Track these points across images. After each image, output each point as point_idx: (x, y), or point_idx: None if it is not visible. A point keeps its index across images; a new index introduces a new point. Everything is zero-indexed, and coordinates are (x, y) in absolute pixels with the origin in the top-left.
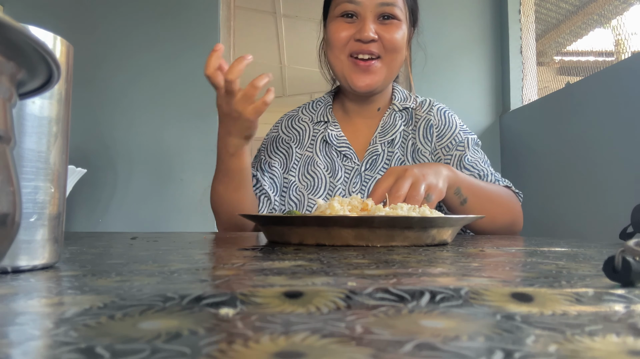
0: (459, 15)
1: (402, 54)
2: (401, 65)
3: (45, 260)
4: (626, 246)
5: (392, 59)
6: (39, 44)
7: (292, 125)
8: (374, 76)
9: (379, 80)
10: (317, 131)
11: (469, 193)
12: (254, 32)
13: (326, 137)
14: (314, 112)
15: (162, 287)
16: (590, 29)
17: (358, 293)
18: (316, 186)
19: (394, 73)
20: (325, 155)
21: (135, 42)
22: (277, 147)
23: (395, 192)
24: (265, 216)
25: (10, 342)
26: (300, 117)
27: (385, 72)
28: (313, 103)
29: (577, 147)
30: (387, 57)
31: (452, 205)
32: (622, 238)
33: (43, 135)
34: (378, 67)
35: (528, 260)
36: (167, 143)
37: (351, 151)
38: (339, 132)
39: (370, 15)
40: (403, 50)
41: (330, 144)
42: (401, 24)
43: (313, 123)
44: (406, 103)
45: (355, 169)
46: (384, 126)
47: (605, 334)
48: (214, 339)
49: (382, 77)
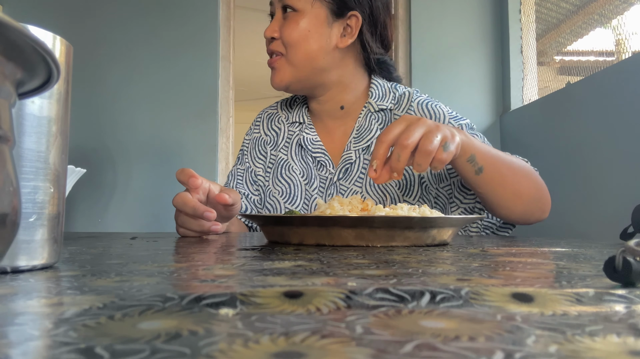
0: (459, 15)
1: (304, 48)
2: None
3: (45, 260)
4: (627, 246)
5: (291, 53)
6: (38, 44)
7: (272, 127)
8: (279, 73)
9: (286, 77)
10: (292, 133)
11: (484, 162)
12: (254, 32)
13: (301, 140)
14: (290, 111)
15: (161, 287)
16: (590, 29)
17: (358, 293)
18: (292, 194)
19: (305, 68)
20: (301, 159)
21: (136, 42)
22: (260, 151)
23: (404, 140)
24: (265, 216)
25: (9, 342)
26: (280, 115)
27: (290, 68)
28: (291, 99)
29: (577, 146)
30: (288, 53)
31: (466, 175)
32: (622, 238)
33: (42, 135)
34: (281, 64)
35: (528, 260)
36: (167, 143)
37: (326, 157)
38: (315, 135)
39: (278, 12)
40: (305, 43)
41: (305, 149)
42: (299, 16)
43: (288, 123)
44: (383, 102)
45: (329, 179)
46: (359, 129)
47: (606, 335)
48: (214, 339)
49: (289, 73)
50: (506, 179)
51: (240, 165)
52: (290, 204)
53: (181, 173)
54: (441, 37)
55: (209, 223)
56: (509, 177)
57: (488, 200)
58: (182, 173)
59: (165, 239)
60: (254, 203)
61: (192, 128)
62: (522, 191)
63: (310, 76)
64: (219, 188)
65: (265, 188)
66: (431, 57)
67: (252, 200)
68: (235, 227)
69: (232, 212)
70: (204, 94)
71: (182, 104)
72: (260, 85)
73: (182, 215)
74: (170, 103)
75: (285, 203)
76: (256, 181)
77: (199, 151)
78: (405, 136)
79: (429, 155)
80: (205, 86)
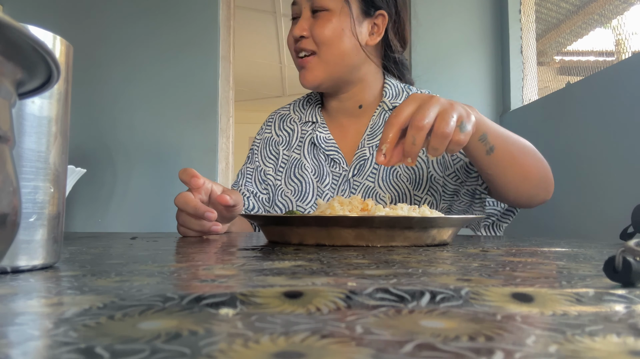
0: (459, 15)
1: (337, 46)
2: (346, 56)
3: (45, 260)
4: (626, 246)
5: (326, 52)
6: (38, 44)
7: (284, 127)
8: (312, 72)
9: (319, 75)
10: (305, 132)
11: (496, 142)
12: (254, 32)
13: (314, 139)
14: (303, 112)
15: (162, 287)
16: (590, 29)
17: (358, 293)
18: (304, 192)
19: (337, 66)
20: (313, 158)
21: (135, 41)
22: (270, 150)
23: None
24: (265, 216)
25: (9, 342)
26: (292, 116)
27: (323, 67)
28: (304, 100)
29: (577, 146)
30: (321, 52)
31: (476, 155)
32: (622, 238)
33: (42, 135)
34: (314, 63)
35: (528, 260)
36: (167, 142)
37: (339, 155)
38: (328, 134)
39: (305, 12)
40: (339, 41)
41: (318, 147)
42: (331, 15)
43: (301, 123)
44: (397, 100)
45: (343, 175)
46: (373, 127)
47: (606, 335)
48: (214, 339)
49: (322, 72)
50: (516, 160)
51: (250, 164)
52: (301, 202)
53: (183, 172)
54: (441, 37)
55: (209, 223)
56: (519, 157)
57: (496, 182)
58: (184, 173)
59: (165, 239)
60: (263, 202)
61: (192, 128)
62: (530, 172)
63: (342, 74)
64: (221, 189)
65: (275, 187)
66: (431, 57)
67: (260, 199)
68: (237, 227)
69: (234, 213)
70: (204, 94)
71: (182, 104)
72: (260, 85)
73: (183, 215)
74: (170, 104)
75: (297, 202)
76: (265, 180)
77: (199, 151)
78: (419, 116)
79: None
80: (205, 86)
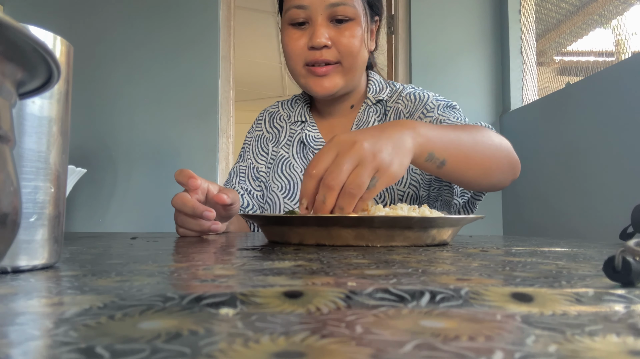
0: (459, 15)
1: (361, 56)
2: (365, 63)
3: (45, 260)
4: (626, 246)
5: (351, 63)
6: (39, 44)
7: (274, 124)
8: (333, 79)
9: (339, 84)
10: (294, 131)
11: (446, 154)
12: (254, 32)
13: (303, 138)
14: (292, 111)
15: (162, 287)
16: (590, 29)
17: (358, 293)
18: (292, 191)
19: (357, 74)
20: (302, 157)
21: (136, 42)
22: (262, 148)
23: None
24: (265, 216)
25: (10, 342)
26: (281, 113)
27: (342, 75)
28: (292, 100)
29: (577, 147)
30: (345, 62)
31: (429, 171)
32: (622, 238)
33: (43, 135)
34: (336, 72)
35: (528, 260)
36: (167, 142)
37: None
38: (317, 133)
39: (321, 19)
40: (362, 50)
41: (307, 146)
42: (356, 25)
43: (290, 122)
44: (380, 95)
45: None
46: (358, 123)
47: (606, 335)
48: (214, 339)
49: (343, 80)
50: (473, 160)
51: (242, 162)
52: (289, 200)
53: (180, 174)
54: (441, 37)
55: (208, 223)
56: (475, 157)
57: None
58: (180, 174)
59: (165, 239)
60: (257, 199)
61: (192, 128)
62: (490, 167)
63: (356, 81)
64: (217, 188)
65: (267, 183)
66: (431, 57)
67: (254, 196)
68: (235, 226)
69: (231, 212)
70: (204, 94)
71: (182, 104)
72: (260, 85)
73: (181, 215)
74: (170, 104)
75: (285, 199)
76: (258, 177)
77: (199, 151)
78: (332, 174)
79: (354, 198)
80: (206, 86)
